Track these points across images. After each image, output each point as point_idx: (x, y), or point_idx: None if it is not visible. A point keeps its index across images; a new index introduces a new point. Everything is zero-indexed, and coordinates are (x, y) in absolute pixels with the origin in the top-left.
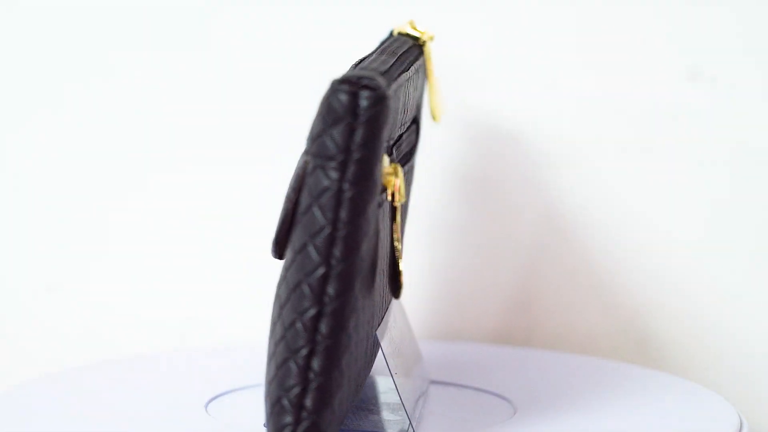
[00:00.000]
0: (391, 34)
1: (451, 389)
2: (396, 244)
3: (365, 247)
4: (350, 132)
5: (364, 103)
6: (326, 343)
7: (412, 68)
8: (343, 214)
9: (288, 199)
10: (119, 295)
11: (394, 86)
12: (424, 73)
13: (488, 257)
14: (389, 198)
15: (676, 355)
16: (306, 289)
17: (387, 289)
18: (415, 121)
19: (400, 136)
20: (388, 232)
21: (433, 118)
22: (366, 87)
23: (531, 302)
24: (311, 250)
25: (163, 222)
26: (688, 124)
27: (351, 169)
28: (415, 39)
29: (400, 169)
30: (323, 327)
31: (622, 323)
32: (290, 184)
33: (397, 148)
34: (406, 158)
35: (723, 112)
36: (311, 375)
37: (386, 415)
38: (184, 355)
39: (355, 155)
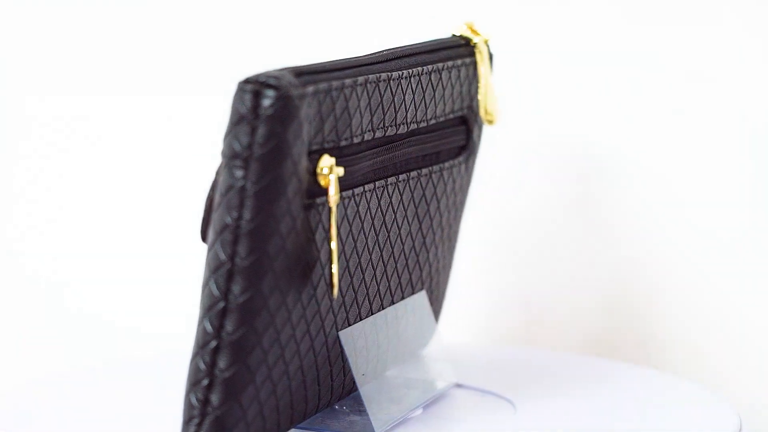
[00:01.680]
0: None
1: (451, 389)
2: (331, 244)
3: (275, 246)
4: (252, 130)
5: (265, 102)
6: (230, 339)
7: (421, 68)
8: (247, 211)
9: (207, 197)
10: (119, 296)
11: (322, 85)
12: (468, 73)
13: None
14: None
15: (676, 355)
16: (213, 286)
17: (378, 290)
18: (465, 122)
19: (395, 136)
20: (334, 233)
21: (485, 121)
22: (269, 86)
23: (531, 302)
24: (218, 247)
25: (163, 222)
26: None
27: (253, 167)
28: (467, 40)
29: (336, 170)
30: (228, 324)
31: (622, 323)
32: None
33: (391, 150)
34: (432, 159)
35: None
36: (217, 371)
37: (364, 416)
38: (184, 355)
39: (257, 153)
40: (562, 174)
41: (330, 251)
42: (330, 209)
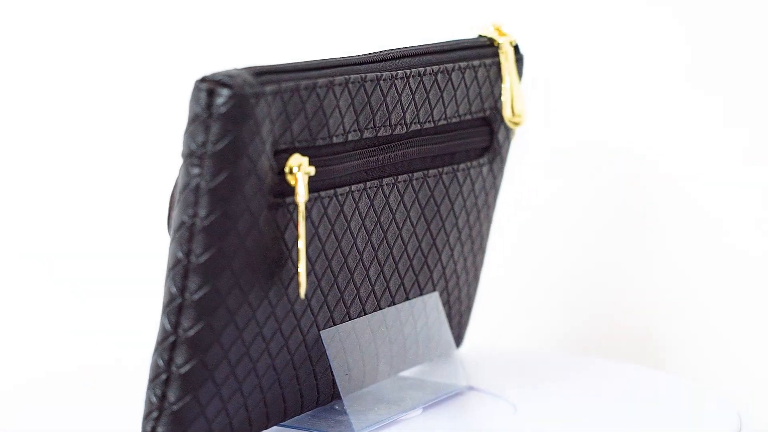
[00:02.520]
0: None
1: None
2: (298, 243)
3: (232, 244)
4: (206, 128)
5: (219, 100)
6: (187, 336)
7: (424, 69)
8: (201, 209)
9: (170, 195)
10: (118, 296)
11: (286, 84)
12: (489, 74)
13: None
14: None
15: (676, 355)
16: (170, 283)
17: (373, 292)
18: (488, 123)
19: (390, 137)
20: (301, 232)
21: (510, 123)
22: (223, 85)
23: (532, 303)
24: (175, 244)
25: (163, 221)
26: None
27: (207, 165)
28: (491, 41)
29: (306, 169)
30: (184, 320)
31: (622, 323)
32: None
33: (387, 150)
34: (445, 160)
35: None
36: (174, 368)
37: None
38: None
39: (210, 151)
40: (575, 177)
41: (298, 250)
42: (298, 208)
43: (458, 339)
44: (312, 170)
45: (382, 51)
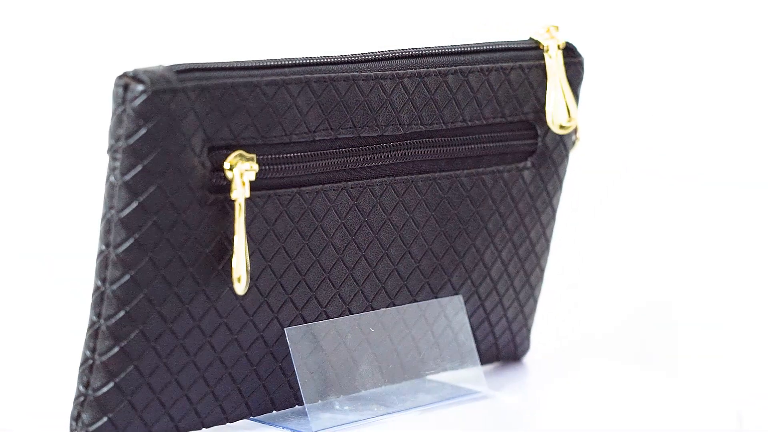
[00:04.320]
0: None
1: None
2: (234, 239)
3: (150, 237)
4: (121, 123)
5: (130, 95)
6: (107, 325)
7: (427, 69)
8: (118, 202)
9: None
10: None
11: (216, 81)
12: (527, 77)
13: None
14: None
15: (676, 355)
16: (95, 273)
17: (365, 292)
18: (531, 127)
19: (381, 137)
20: (237, 227)
21: (554, 128)
22: (137, 80)
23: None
24: (99, 237)
25: None
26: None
27: (121, 159)
28: (537, 44)
29: (245, 166)
30: (105, 310)
31: (622, 323)
32: None
33: (377, 151)
34: (469, 163)
35: None
36: (96, 356)
37: (350, 415)
38: None
39: (123, 145)
40: (574, 177)
41: (244, 246)
42: (234, 204)
43: (514, 345)
44: (256, 167)
45: (369, 52)
